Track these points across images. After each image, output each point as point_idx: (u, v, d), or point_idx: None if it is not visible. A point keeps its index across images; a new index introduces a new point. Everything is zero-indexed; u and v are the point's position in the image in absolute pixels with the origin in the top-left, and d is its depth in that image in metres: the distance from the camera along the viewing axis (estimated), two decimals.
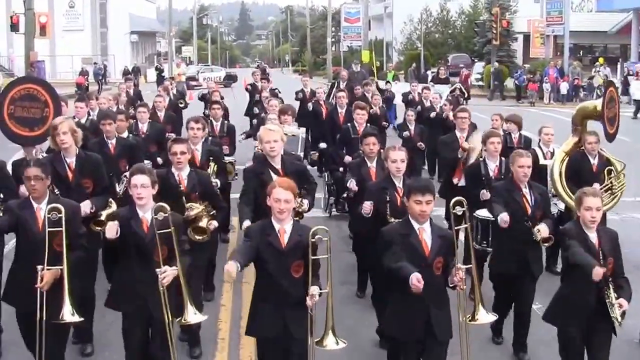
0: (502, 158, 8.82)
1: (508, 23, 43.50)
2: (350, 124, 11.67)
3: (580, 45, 54.67)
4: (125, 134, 10.33)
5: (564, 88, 37.73)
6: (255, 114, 16.73)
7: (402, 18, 61.29)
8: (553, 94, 37.94)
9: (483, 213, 8.15)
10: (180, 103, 17.45)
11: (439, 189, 10.29)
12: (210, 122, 11.43)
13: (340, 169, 11.31)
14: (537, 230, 7.08)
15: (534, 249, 7.33)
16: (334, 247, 5.68)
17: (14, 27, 31.42)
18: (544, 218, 7.27)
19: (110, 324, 7.37)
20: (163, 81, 28.96)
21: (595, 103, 9.47)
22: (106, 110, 12.08)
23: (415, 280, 5.26)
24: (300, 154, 11.12)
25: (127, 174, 7.24)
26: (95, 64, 50.36)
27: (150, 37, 79.44)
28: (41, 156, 7.75)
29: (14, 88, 8.22)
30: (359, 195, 8.19)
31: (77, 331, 7.28)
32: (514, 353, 7.46)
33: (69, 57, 56.29)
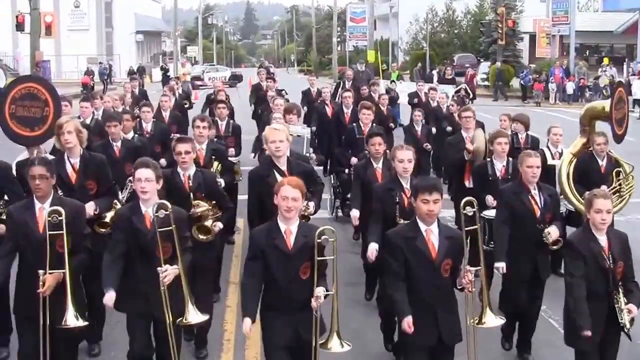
0: (509, 158, 8.76)
1: (514, 23, 43.41)
2: (355, 124, 11.60)
3: (587, 45, 54.52)
4: (130, 134, 10.29)
5: (570, 88, 37.62)
6: (259, 113, 16.59)
7: (408, 18, 61.41)
8: (559, 94, 37.83)
9: (491, 213, 8.08)
10: (185, 104, 17.39)
11: (451, 192, 10.25)
12: (215, 122, 11.37)
13: (347, 171, 11.23)
14: (548, 232, 7.00)
15: (543, 252, 7.23)
16: (339, 249, 5.60)
17: (20, 27, 31.43)
18: (553, 220, 7.17)
19: (116, 323, 7.34)
20: (168, 81, 28.89)
21: (604, 104, 9.32)
22: (111, 111, 12.04)
23: (407, 325, 5.33)
24: (306, 154, 11.03)
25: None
26: (101, 64, 50.39)
27: (156, 37, 79.49)
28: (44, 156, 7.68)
29: (15, 88, 8.13)
30: (365, 197, 8.10)
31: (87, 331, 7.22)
32: (517, 354, 7.40)
33: (74, 57, 56.30)
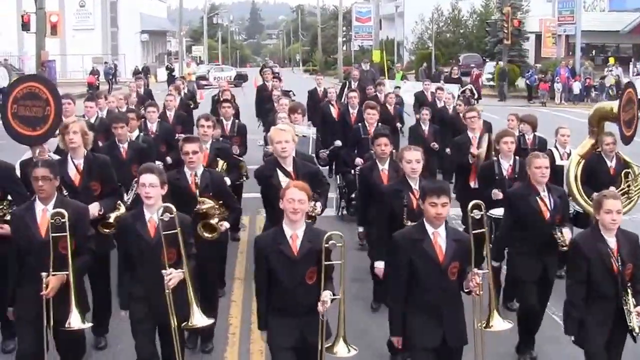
0: (516, 157, 8.72)
1: (519, 22, 43.23)
2: (361, 124, 11.55)
3: (593, 45, 54.36)
4: (135, 133, 10.24)
5: (577, 88, 37.52)
6: (265, 109, 16.47)
7: (414, 17, 61.38)
8: (564, 94, 37.73)
9: (498, 212, 8.00)
10: (190, 104, 17.34)
11: (456, 192, 10.19)
12: (220, 122, 11.33)
13: (352, 171, 11.19)
14: (561, 235, 6.96)
15: (552, 254, 7.17)
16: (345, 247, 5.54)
17: (25, 27, 31.38)
18: (563, 222, 7.11)
19: (122, 317, 7.24)
20: (174, 80, 28.86)
21: (612, 104, 9.21)
22: (117, 112, 12.01)
23: (395, 341, 5.76)
24: (312, 154, 10.98)
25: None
26: (106, 64, 50.40)
27: (161, 37, 79.49)
28: (48, 157, 7.65)
29: (17, 87, 8.13)
30: (373, 199, 8.03)
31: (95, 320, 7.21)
32: (520, 350, 7.31)
33: (79, 57, 56.33)
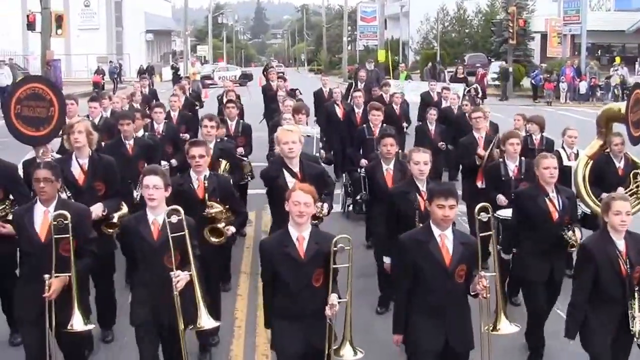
0: (522, 158, 8.68)
1: (525, 22, 43.13)
2: (365, 125, 11.53)
3: (598, 45, 54.28)
4: (140, 133, 10.21)
5: (583, 87, 37.41)
6: (270, 110, 16.43)
7: (419, 17, 61.35)
8: (569, 94, 37.62)
9: (505, 214, 7.94)
10: (196, 105, 17.31)
11: (463, 192, 10.13)
12: (225, 122, 11.29)
13: (359, 170, 11.16)
14: (572, 235, 6.90)
15: (559, 255, 7.10)
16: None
17: (31, 26, 31.33)
18: (571, 223, 7.04)
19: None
20: (179, 80, 28.83)
21: (621, 105, 9.14)
22: (124, 110, 11.98)
23: (395, 340, 5.68)
24: (316, 154, 10.94)
25: None
26: (111, 63, 50.37)
27: (166, 36, 79.52)
28: (51, 157, 7.63)
29: (20, 88, 8.14)
30: (378, 200, 7.99)
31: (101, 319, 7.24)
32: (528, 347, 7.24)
33: (84, 56, 56.33)
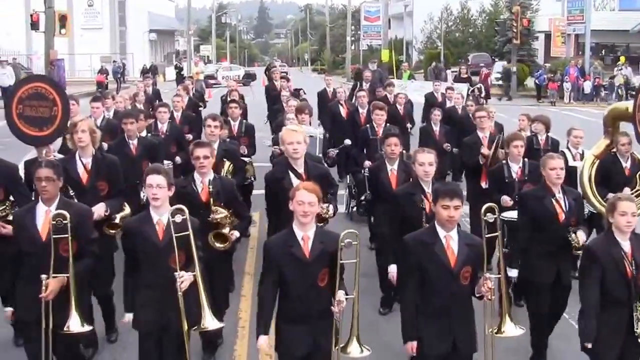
0: (525, 159, 8.62)
1: (529, 22, 43.04)
2: (369, 125, 11.47)
3: (602, 45, 54.15)
4: (144, 133, 10.18)
5: (588, 87, 37.30)
6: (274, 110, 16.37)
7: (422, 17, 61.31)
8: (573, 94, 37.53)
9: (508, 215, 7.90)
10: (199, 105, 17.28)
11: (467, 192, 10.07)
12: (228, 122, 11.24)
13: (363, 171, 11.07)
14: (576, 237, 6.81)
15: (566, 257, 7.01)
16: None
17: (34, 26, 31.36)
18: (578, 224, 6.96)
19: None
20: (183, 80, 28.80)
21: (628, 104, 9.02)
22: (128, 109, 11.95)
23: (409, 348, 5.41)
24: (319, 155, 10.91)
25: None
26: (115, 62, 50.42)
27: (169, 36, 79.53)
28: (53, 157, 7.59)
29: (22, 87, 8.09)
30: (382, 201, 7.93)
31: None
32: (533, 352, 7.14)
33: (87, 56, 56.38)
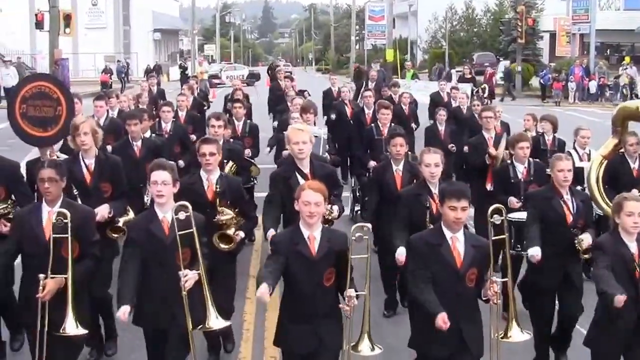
0: (531, 159, 8.55)
1: (534, 21, 43.00)
2: (374, 125, 11.38)
3: (607, 44, 54.02)
4: (147, 134, 10.13)
5: (593, 87, 37.19)
6: (277, 110, 16.34)
7: (427, 16, 61.20)
8: (578, 93, 37.42)
9: (515, 215, 7.84)
10: (203, 105, 17.25)
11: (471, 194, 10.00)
12: (232, 122, 11.19)
13: (367, 174, 11.00)
14: (580, 239, 6.71)
15: (574, 259, 6.89)
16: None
17: (39, 25, 31.32)
18: (586, 227, 6.87)
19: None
20: (187, 79, 28.76)
21: (637, 103, 8.99)
22: (132, 110, 11.89)
23: (441, 321, 5.07)
24: (324, 155, 10.83)
25: None
26: (119, 62, 50.38)
27: (173, 35, 79.44)
28: (56, 156, 7.53)
29: (25, 86, 8.02)
30: (386, 202, 7.86)
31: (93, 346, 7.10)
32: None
33: (91, 55, 56.32)
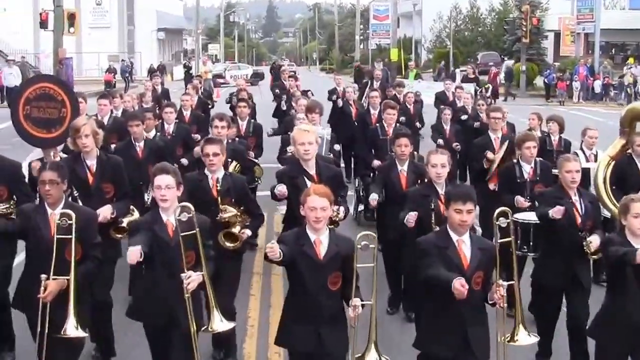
0: (537, 159, 8.47)
1: (538, 21, 42.92)
2: (378, 125, 11.33)
3: (612, 44, 53.99)
4: (152, 133, 10.07)
5: (598, 86, 37.10)
6: (282, 111, 16.31)
7: (432, 16, 61.24)
8: (582, 93, 37.34)
9: (521, 216, 7.79)
10: (208, 104, 17.21)
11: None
12: (236, 122, 11.14)
13: (371, 175, 10.95)
14: (589, 242, 6.64)
15: (582, 261, 6.85)
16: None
17: (43, 25, 31.33)
18: (594, 228, 6.80)
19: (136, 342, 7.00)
20: (191, 79, 28.74)
21: None
22: (133, 111, 11.84)
23: (459, 284, 4.84)
24: (328, 155, 10.79)
25: None
26: (123, 61, 50.40)
27: (177, 35, 79.42)
28: (59, 157, 7.49)
29: (29, 88, 7.99)
30: (390, 202, 7.82)
31: (98, 345, 7.04)
32: None
33: (95, 55, 56.35)
